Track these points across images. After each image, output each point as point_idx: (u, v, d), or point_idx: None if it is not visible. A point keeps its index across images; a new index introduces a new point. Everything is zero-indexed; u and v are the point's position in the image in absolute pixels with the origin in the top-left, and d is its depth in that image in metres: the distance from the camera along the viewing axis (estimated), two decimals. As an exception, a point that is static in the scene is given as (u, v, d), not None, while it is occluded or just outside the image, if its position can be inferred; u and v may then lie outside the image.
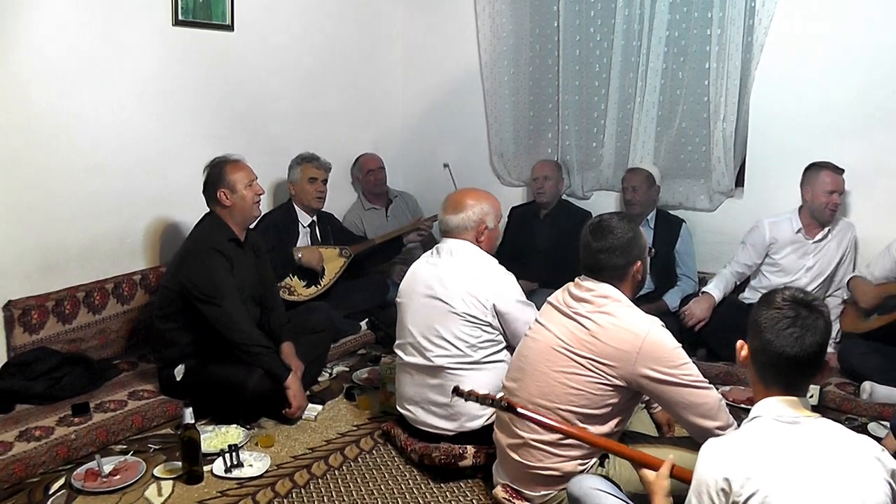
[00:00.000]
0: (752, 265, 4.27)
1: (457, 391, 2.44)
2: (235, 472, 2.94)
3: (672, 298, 4.39)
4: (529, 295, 4.20)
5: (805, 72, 4.28)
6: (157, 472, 2.93)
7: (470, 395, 2.39)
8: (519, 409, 2.35)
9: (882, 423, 3.41)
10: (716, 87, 4.49)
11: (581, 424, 2.44)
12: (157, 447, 3.16)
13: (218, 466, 2.96)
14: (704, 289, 4.25)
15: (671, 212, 4.67)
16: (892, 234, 3.93)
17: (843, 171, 3.99)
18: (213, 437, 3.16)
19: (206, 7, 4.16)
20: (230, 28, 4.32)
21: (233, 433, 3.21)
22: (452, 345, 2.97)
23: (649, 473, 2.14)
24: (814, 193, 4.01)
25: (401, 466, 3.08)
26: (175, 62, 4.06)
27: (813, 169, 4.03)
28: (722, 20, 4.41)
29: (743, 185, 4.61)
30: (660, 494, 2.09)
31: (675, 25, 4.62)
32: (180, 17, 4.02)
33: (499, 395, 2.39)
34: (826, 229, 4.10)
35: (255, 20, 4.47)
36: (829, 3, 4.17)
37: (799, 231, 4.13)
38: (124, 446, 3.16)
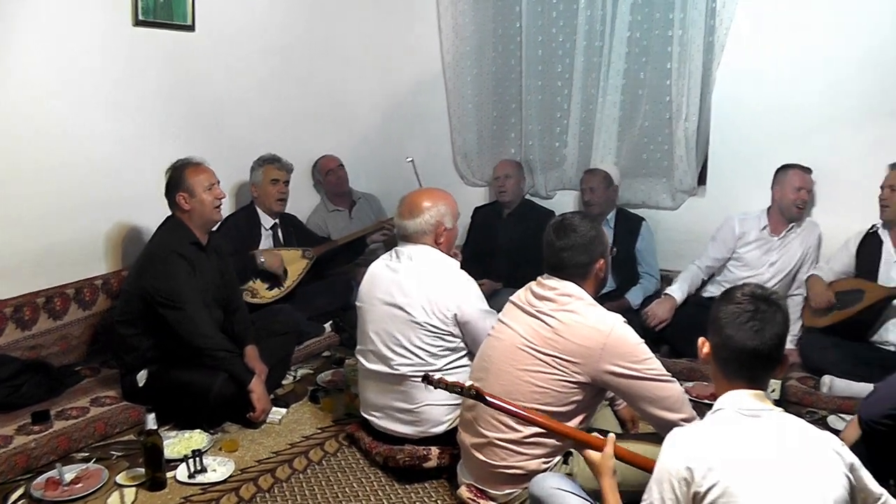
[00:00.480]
0: (722, 259, 4.35)
1: (427, 379, 2.43)
2: (199, 478, 2.92)
3: (634, 296, 4.45)
4: (494, 294, 4.28)
5: (765, 72, 4.34)
6: (120, 479, 2.91)
7: (439, 383, 2.39)
8: (487, 397, 2.35)
9: (841, 415, 3.48)
10: (677, 87, 4.54)
11: (545, 423, 2.47)
12: (119, 454, 3.13)
13: (181, 472, 2.94)
14: (667, 290, 4.31)
15: (633, 210, 4.72)
16: (851, 231, 4.03)
17: (810, 170, 4.13)
18: (177, 443, 3.14)
19: (166, 7, 4.12)
20: (191, 28, 4.28)
21: (196, 438, 3.19)
22: (414, 354, 2.95)
23: (593, 454, 2.18)
24: (783, 191, 4.14)
25: (365, 469, 3.09)
26: (135, 63, 4.02)
27: (783, 169, 4.17)
28: (683, 21, 4.46)
29: (705, 184, 4.68)
30: (606, 474, 2.13)
31: (636, 26, 4.66)
32: (140, 18, 3.98)
33: (468, 384, 2.39)
34: (791, 227, 4.20)
35: (216, 20, 4.43)
36: (789, 5, 4.23)
37: (765, 228, 4.24)
38: (86, 454, 3.12)
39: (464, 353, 3.03)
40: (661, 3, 4.56)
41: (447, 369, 2.96)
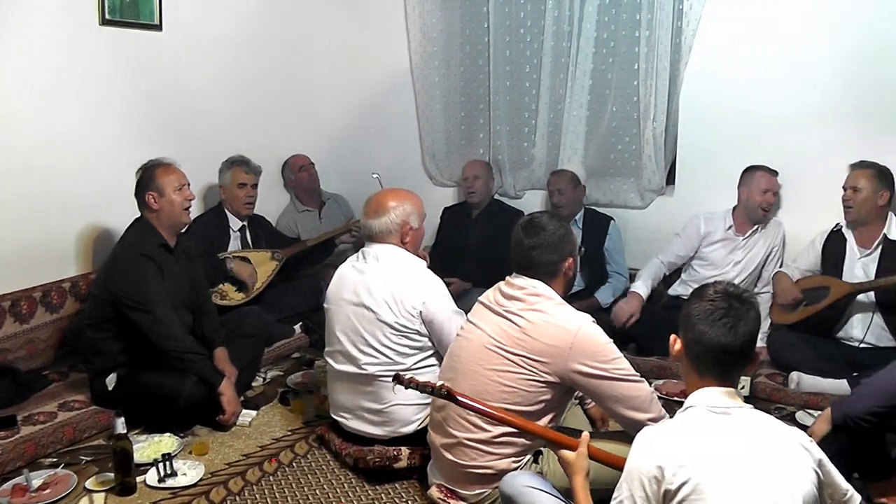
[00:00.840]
0: (685, 256, 4.42)
1: (397, 378, 2.44)
2: (169, 482, 2.91)
3: (604, 295, 4.49)
4: (464, 294, 4.30)
5: (732, 72, 4.40)
6: (89, 484, 2.89)
7: (410, 383, 2.40)
8: (457, 396, 2.36)
9: (809, 411, 3.53)
10: (645, 88, 4.59)
11: (514, 422, 2.49)
12: (88, 459, 3.11)
13: (151, 477, 2.93)
14: (632, 288, 4.36)
15: (601, 210, 4.76)
16: (817, 230, 4.10)
17: (777, 173, 4.20)
18: (147, 447, 3.13)
19: (133, 6, 4.09)
20: (158, 28, 4.26)
21: (166, 442, 3.18)
22: (381, 353, 2.96)
23: (568, 453, 2.19)
24: (749, 192, 4.21)
25: (336, 470, 3.10)
26: (102, 63, 3.99)
27: (750, 170, 4.23)
28: (650, 22, 4.51)
29: (674, 183, 4.72)
30: (580, 474, 2.14)
31: (604, 27, 4.70)
32: (107, 17, 3.95)
33: (438, 384, 2.40)
34: (755, 227, 4.28)
35: (184, 20, 4.41)
36: (755, 6, 4.29)
37: (730, 228, 4.31)
38: (54, 459, 3.09)
39: (431, 352, 3.04)
40: (629, 4, 4.60)
41: (415, 368, 2.97)
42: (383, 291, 2.96)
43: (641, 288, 4.31)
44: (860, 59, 4.07)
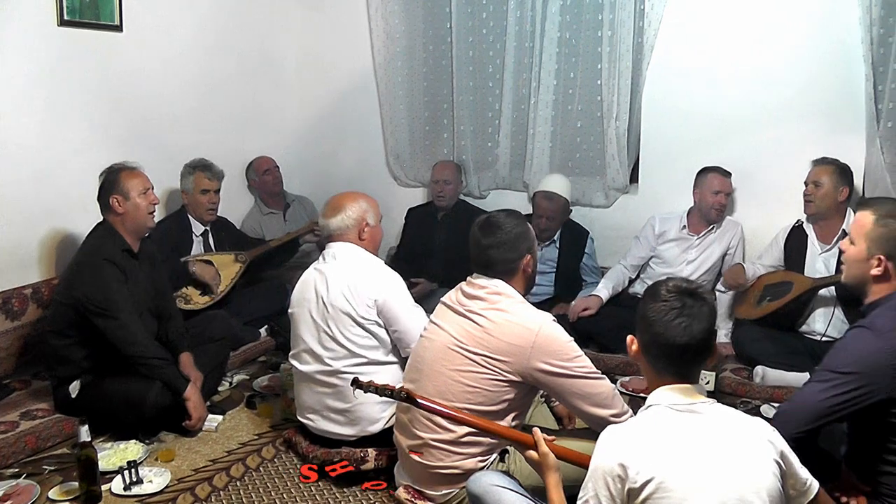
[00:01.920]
0: (644, 257, 4.49)
1: (356, 382, 2.45)
2: (135, 490, 2.89)
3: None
4: (429, 295, 4.32)
5: (694, 72, 4.46)
6: (53, 494, 2.86)
7: (369, 387, 2.40)
8: (418, 399, 2.38)
9: (773, 404, 3.59)
10: (608, 87, 4.63)
11: (477, 422, 2.51)
12: (52, 468, 3.07)
13: (117, 485, 2.91)
14: (593, 292, 4.39)
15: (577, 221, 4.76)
16: (778, 227, 4.17)
17: (730, 174, 4.27)
18: (112, 455, 3.10)
19: (93, 6, 4.04)
20: (119, 28, 4.21)
21: (132, 449, 3.16)
22: (345, 347, 2.98)
23: (534, 454, 2.20)
24: (702, 193, 4.29)
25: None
26: (61, 64, 3.93)
27: (703, 171, 4.31)
28: (612, 22, 4.55)
29: (637, 182, 4.77)
30: (550, 469, 2.14)
31: (566, 27, 4.73)
32: (66, 17, 3.89)
33: (398, 387, 2.42)
34: (711, 227, 4.35)
35: (145, 21, 4.36)
36: (716, 7, 4.35)
37: (684, 228, 4.39)
38: (16, 470, 3.05)
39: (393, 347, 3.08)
40: (591, 5, 4.64)
41: (379, 362, 3.01)
42: (341, 284, 3.00)
43: (602, 291, 4.37)
44: (819, 59, 4.16)
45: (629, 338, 2.01)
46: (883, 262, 2.28)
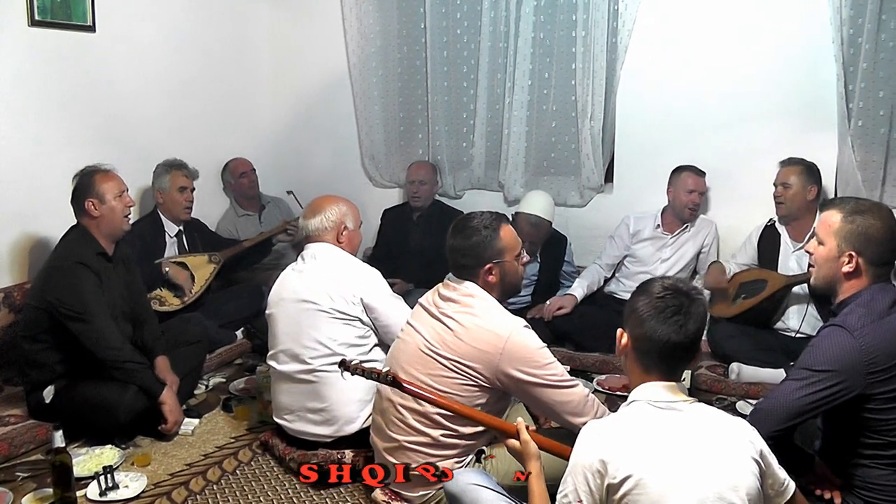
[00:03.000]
0: (619, 256, 4.53)
1: (343, 364, 2.44)
2: (111, 495, 2.87)
3: None
4: (405, 295, 4.29)
5: (667, 72, 4.50)
6: (27, 501, 2.82)
7: (356, 369, 2.40)
8: (404, 384, 2.38)
9: (749, 401, 3.62)
10: (582, 87, 4.65)
11: (451, 425, 2.50)
12: (25, 475, 3.03)
13: (92, 490, 2.88)
14: (568, 291, 4.42)
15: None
16: (752, 225, 4.22)
17: (704, 173, 4.31)
18: (87, 460, 3.08)
19: (64, 6, 4.01)
20: (92, 29, 4.18)
21: (107, 454, 3.14)
22: (324, 345, 2.98)
23: (514, 442, 2.21)
24: (676, 192, 4.34)
25: (280, 476, 3.09)
26: (33, 65, 3.89)
27: (677, 170, 4.35)
28: (586, 22, 4.57)
29: (612, 181, 4.80)
30: (532, 458, 2.15)
31: (540, 27, 4.75)
32: (37, 18, 3.86)
33: (384, 370, 2.41)
34: (685, 226, 4.40)
35: (118, 21, 4.33)
36: (689, 8, 4.39)
37: (658, 227, 4.43)
38: (-11, 477, 3.03)
39: (374, 344, 3.08)
40: (565, 5, 4.66)
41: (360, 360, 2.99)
42: (322, 282, 3.01)
43: (577, 290, 4.41)
44: (791, 59, 4.22)
45: (619, 331, 2.00)
46: (854, 257, 2.31)
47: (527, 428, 2.21)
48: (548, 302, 4.36)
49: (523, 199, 4.56)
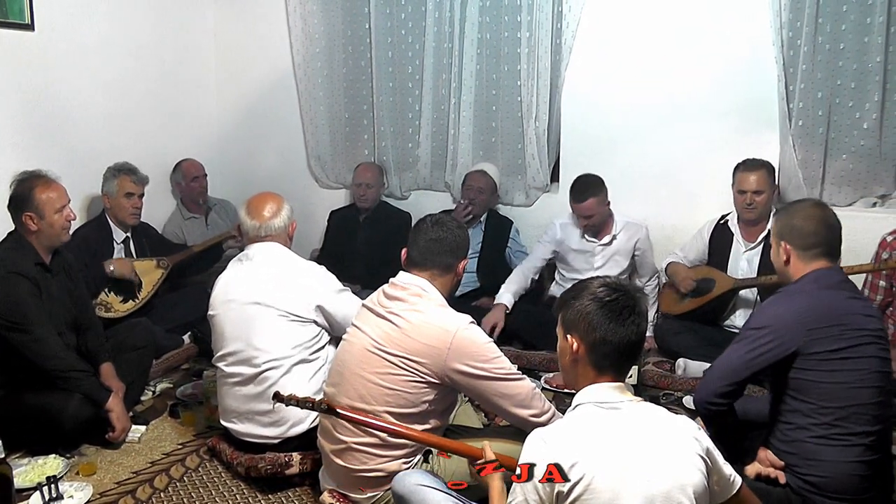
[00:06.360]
0: (546, 258, 4.50)
1: (277, 397, 2.44)
2: (55, 506, 2.84)
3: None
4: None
5: (611, 73, 4.55)
6: (-36, 516, 2.79)
7: (290, 400, 2.40)
8: (339, 410, 2.39)
9: (695, 395, 3.71)
10: (527, 88, 4.69)
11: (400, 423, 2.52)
12: (-36, 488, 2.99)
13: (35, 502, 2.83)
14: (497, 299, 4.35)
15: (501, 212, 4.85)
16: (699, 220, 4.30)
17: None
18: (29, 471, 3.04)
19: (0, 4, 3.92)
20: (30, 27, 4.11)
21: (51, 464, 3.09)
22: (277, 347, 2.99)
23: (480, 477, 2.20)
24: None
25: (228, 482, 3.08)
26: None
27: (571, 196, 4.28)
28: (531, 24, 4.60)
29: (558, 181, 4.83)
30: (495, 478, 2.11)
31: (486, 28, 4.77)
32: (-30, 15, 3.78)
33: (318, 398, 2.42)
34: (612, 234, 4.37)
35: (57, 19, 4.27)
36: (634, 10, 4.44)
37: (584, 237, 4.39)
38: (-73, 490, 2.96)
39: (324, 342, 3.10)
40: (509, 6, 4.68)
41: (306, 360, 3.03)
42: (276, 285, 3.02)
43: (505, 297, 4.33)
44: (733, 60, 4.29)
45: (568, 339, 1.97)
46: (783, 245, 2.53)
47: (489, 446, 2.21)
48: (483, 320, 4.18)
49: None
